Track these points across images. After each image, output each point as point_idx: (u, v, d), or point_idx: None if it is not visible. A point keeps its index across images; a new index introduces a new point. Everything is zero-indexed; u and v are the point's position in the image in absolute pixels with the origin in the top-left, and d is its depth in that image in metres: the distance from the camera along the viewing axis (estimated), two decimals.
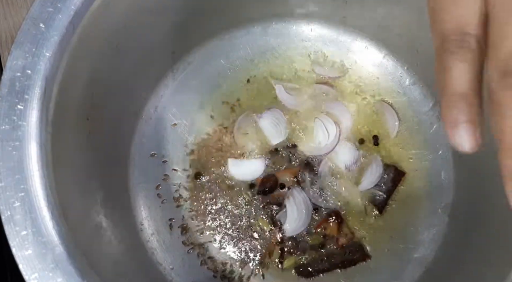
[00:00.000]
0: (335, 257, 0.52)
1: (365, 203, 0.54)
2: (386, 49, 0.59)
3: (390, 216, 0.54)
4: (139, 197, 0.55)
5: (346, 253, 0.52)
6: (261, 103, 0.58)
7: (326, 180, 0.54)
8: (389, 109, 0.57)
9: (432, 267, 0.52)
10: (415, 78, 0.58)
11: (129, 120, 0.56)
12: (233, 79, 0.59)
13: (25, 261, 0.34)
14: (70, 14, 0.38)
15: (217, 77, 0.59)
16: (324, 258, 0.52)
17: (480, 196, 0.49)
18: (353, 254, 0.52)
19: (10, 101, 0.36)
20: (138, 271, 0.50)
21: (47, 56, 0.37)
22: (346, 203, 0.54)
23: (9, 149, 0.35)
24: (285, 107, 0.57)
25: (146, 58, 0.53)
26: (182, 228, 0.54)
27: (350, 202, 0.54)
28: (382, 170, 0.54)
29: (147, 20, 0.49)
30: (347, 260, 0.52)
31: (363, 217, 0.54)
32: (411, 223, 0.54)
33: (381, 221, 0.54)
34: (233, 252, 0.53)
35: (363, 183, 0.54)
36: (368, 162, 0.55)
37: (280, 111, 0.57)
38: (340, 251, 0.52)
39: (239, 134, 0.56)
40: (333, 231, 0.53)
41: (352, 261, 0.52)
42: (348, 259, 0.52)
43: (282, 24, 0.59)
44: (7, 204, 0.34)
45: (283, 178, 0.54)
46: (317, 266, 0.52)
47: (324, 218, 0.53)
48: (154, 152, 0.56)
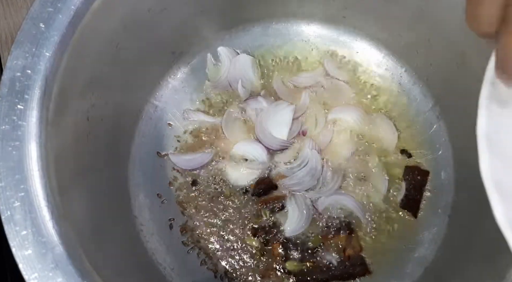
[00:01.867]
0: (335, 269, 0.52)
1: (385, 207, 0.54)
2: (386, 49, 0.59)
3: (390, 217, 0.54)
4: (139, 197, 0.55)
5: (346, 265, 0.52)
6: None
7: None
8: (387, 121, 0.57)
9: (432, 267, 0.52)
10: (415, 78, 0.58)
11: (129, 120, 0.56)
12: None
13: (25, 261, 0.34)
14: (70, 14, 0.39)
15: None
16: (324, 269, 0.52)
17: (480, 196, 0.49)
18: (354, 268, 0.52)
19: (10, 101, 0.36)
20: (138, 271, 0.50)
21: (47, 56, 0.37)
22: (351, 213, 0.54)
23: (9, 148, 0.35)
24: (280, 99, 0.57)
25: (146, 58, 0.53)
26: (182, 228, 0.54)
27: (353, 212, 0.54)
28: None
29: (147, 20, 0.49)
30: (347, 273, 0.52)
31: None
32: (411, 223, 0.54)
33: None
34: (233, 252, 0.53)
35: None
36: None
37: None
38: (341, 263, 0.52)
39: (228, 129, 0.56)
40: (342, 241, 0.52)
41: (352, 274, 0.52)
42: (348, 272, 0.52)
43: (282, 24, 0.59)
44: (7, 204, 0.34)
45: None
46: (316, 276, 0.51)
47: (336, 229, 0.53)
48: (154, 152, 0.56)
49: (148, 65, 0.55)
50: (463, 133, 0.54)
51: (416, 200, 0.54)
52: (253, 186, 0.54)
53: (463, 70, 0.49)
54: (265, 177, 0.54)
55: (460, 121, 0.54)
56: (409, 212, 0.54)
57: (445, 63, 0.52)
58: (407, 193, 0.54)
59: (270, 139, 0.54)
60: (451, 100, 0.54)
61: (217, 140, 0.56)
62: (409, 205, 0.54)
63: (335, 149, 0.55)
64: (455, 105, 0.54)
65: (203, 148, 0.56)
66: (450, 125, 0.56)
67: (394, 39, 0.57)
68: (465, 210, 0.52)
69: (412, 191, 0.54)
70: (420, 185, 0.54)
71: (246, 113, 0.56)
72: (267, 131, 0.55)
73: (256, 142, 0.55)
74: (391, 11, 0.54)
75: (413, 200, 0.54)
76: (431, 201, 0.55)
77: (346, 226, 0.53)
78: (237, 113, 0.57)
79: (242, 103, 0.57)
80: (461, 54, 0.49)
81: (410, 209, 0.54)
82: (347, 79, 0.59)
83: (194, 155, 0.55)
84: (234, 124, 0.56)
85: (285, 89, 0.58)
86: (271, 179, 0.54)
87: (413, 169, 0.55)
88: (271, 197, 0.54)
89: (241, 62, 0.58)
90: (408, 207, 0.54)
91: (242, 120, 0.56)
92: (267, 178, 0.54)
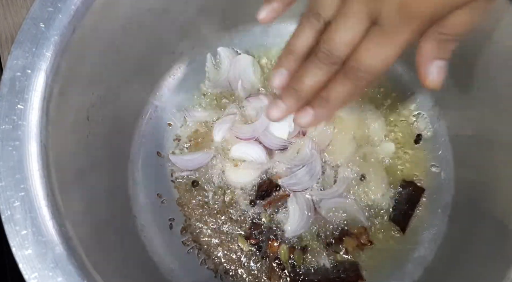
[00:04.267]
0: (328, 273, 0.52)
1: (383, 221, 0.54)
2: None
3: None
4: (139, 196, 0.55)
5: (340, 270, 0.52)
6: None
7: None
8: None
9: (432, 267, 0.52)
10: (415, 78, 0.58)
11: (129, 120, 0.56)
12: None
13: (25, 260, 0.34)
14: (70, 14, 0.39)
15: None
16: (318, 272, 0.52)
17: (480, 196, 0.49)
18: (347, 273, 0.52)
19: (10, 101, 0.36)
20: (138, 271, 0.50)
21: (47, 56, 0.37)
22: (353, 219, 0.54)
23: (9, 148, 0.36)
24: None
25: (146, 58, 0.53)
26: (182, 228, 0.54)
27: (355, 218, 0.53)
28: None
29: (147, 20, 0.49)
30: (340, 278, 0.52)
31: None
32: (411, 223, 0.54)
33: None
34: (233, 252, 0.53)
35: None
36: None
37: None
38: (335, 267, 0.52)
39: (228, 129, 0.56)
40: (342, 244, 0.53)
41: (344, 280, 0.51)
42: (341, 277, 0.52)
43: (282, 24, 0.59)
44: (7, 204, 0.34)
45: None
46: (310, 278, 0.51)
47: (337, 231, 0.53)
48: (154, 152, 0.57)
49: (148, 65, 0.55)
50: (463, 133, 0.54)
51: (407, 215, 0.54)
52: (255, 190, 0.54)
53: (463, 70, 0.49)
54: (265, 179, 0.54)
55: (460, 121, 0.54)
56: (397, 227, 0.53)
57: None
58: (399, 207, 0.54)
59: (270, 139, 0.54)
60: (451, 100, 0.54)
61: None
62: (399, 219, 0.53)
63: (335, 149, 0.55)
64: (455, 105, 0.54)
65: (203, 148, 0.56)
66: (450, 125, 0.56)
67: None
68: (465, 210, 0.52)
69: (405, 206, 0.54)
70: (414, 201, 0.54)
71: (246, 113, 0.56)
72: (267, 131, 0.55)
73: (254, 143, 0.55)
74: None
75: (404, 215, 0.53)
76: (431, 201, 0.55)
77: (347, 228, 0.53)
78: (237, 113, 0.56)
79: (243, 102, 0.57)
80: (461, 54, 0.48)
81: (399, 224, 0.53)
82: None
83: (194, 155, 0.55)
84: (234, 124, 0.56)
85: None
86: (271, 179, 0.54)
87: (409, 184, 0.54)
88: (276, 198, 0.54)
89: (241, 62, 0.58)
90: (397, 221, 0.53)
91: (242, 120, 0.56)
92: (267, 179, 0.54)
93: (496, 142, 0.47)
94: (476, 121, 0.51)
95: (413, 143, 0.56)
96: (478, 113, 0.50)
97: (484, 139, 0.49)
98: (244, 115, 0.56)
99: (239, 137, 0.55)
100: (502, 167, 0.46)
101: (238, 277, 0.53)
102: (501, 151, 0.46)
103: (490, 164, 0.49)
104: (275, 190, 0.54)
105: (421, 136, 0.56)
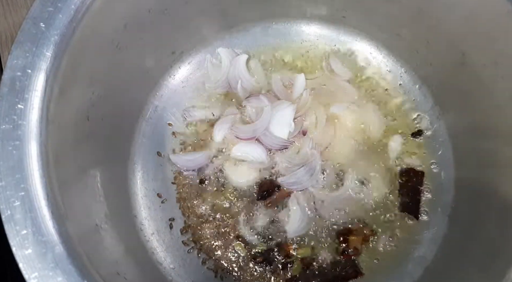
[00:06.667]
0: (327, 273, 0.52)
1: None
2: (386, 49, 0.59)
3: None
4: (139, 197, 0.55)
5: (338, 268, 0.52)
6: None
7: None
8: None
9: (432, 267, 0.52)
10: (415, 78, 0.58)
11: (129, 120, 0.56)
12: None
13: (25, 260, 0.34)
14: (70, 13, 0.39)
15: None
16: (316, 273, 0.52)
17: (480, 196, 0.49)
18: (345, 271, 0.52)
19: (10, 100, 0.36)
20: (138, 271, 0.50)
21: (48, 56, 0.37)
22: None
23: (9, 148, 0.35)
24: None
25: (146, 58, 0.53)
26: (182, 228, 0.54)
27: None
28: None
29: (147, 20, 0.49)
30: (339, 276, 0.52)
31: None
32: (412, 223, 0.54)
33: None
34: (233, 252, 0.53)
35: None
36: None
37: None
38: (333, 265, 0.52)
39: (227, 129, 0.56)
40: (343, 243, 0.53)
41: (344, 277, 0.52)
42: (340, 275, 0.52)
43: (282, 24, 0.59)
44: (7, 203, 0.34)
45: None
46: (309, 279, 0.52)
47: (338, 231, 0.53)
48: (154, 152, 0.57)
49: (148, 65, 0.55)
50: (463, 133, 0.54)
51: (415, 201, 0.54)
52: (257, 191, 0.54)
53: (463, 70, 0.49)
54: (265, 179, 0.54)
55: (460, 121, 0.54)
56: (410, 215, 0.54)
57: (445, 63, 0.52)
58: (404, 196, 0.54)
59: (271, 139, 0.54)
60: (451, 100, 0.54)
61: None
62: (409, 207, 0.54)
63: (335, 149, 0.55)
64: (455, 105, 0.54)
65: (203, 148, 0.56)
66: (450, 125, 0.56)
67: (394, 39, 0.57)
68: (465, 210, 0.52)
69: (409, 193, 0.54)
70: (417, 186, 0.54)
71: (246, 113, 0.56)
72: (267, 131, 0.54)
73: (255, 143, 0.55)
74: (391, 11, 0.54)
75: (411, 202, 0.54)
76: (431, 201, 0.55)
77: (348, 228, 0.53)
78: (237, 113, 0.56)
79: (243, 102, 0.57)
80: (461, 54, 0.49)
81: (411, 212, 0.53)
82: (347, 78, 0.59)
83: (194, 155, 0.55)
84: (234, 124, 0.56)
85: (283, 89, 0.57)
86: (272, 179, 0.54)
87: (408, 171, 0.54)
88: (277, 197, 0.54)
89: (241, 62, 0.58)
90: (407, 209, 0.53)
91: (242, 120, 0.56)
92: (268, 179, 0.54)
93: (496, 142, 0.47)
94: (476, 121, 0.51)
95: (413, 143, 0.56)
96: (478, 113, 0.50)
97: (484, 140, 0.49)
98: (244, 115, 0.56)
99: (239, 137, 0.55)
100: (502, 167, 0.46)
101: (239, 277, 0.53)
102: (501, 151, 0.46)
103: (490, 164, 0.49)
104: (276, 190, 0.54)
105: (421, 132, 0.56)
